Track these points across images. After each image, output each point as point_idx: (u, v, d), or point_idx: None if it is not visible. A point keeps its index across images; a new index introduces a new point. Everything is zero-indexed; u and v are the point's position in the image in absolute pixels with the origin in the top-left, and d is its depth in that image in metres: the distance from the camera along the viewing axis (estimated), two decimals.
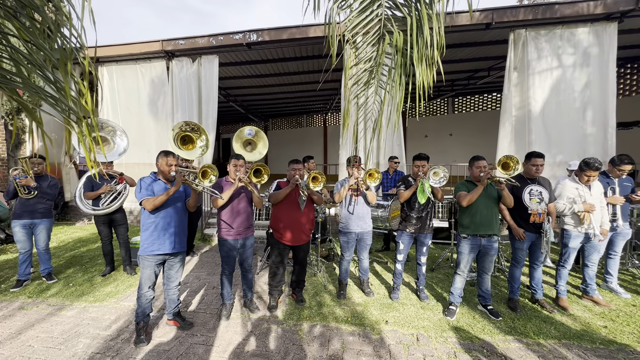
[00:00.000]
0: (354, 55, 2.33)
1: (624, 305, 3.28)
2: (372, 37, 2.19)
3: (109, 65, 7.09)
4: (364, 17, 2.10)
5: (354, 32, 2.14)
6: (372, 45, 2.23)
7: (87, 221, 7.51)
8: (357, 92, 2.43)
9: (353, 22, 2.12)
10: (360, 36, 2.19)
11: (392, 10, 2.13)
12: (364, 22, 2.12)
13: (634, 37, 6.37)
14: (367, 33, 2.19)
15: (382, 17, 2.10)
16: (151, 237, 2.61)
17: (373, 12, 2.10)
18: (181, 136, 3.98)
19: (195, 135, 4.03)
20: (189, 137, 4.04)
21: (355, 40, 2.23)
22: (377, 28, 2.15)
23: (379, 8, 2.09)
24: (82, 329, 2.85)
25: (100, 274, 4.13)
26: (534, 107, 5.57)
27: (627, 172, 3.47)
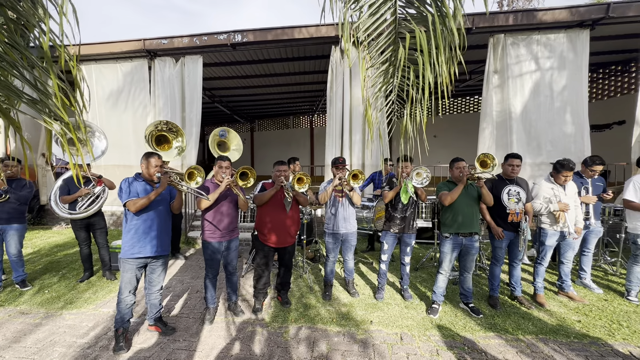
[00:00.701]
0: (368, 57, 2.32)
1: (596, 300, 3.43)
2: (385, 38, 2.17)
3: (88, 64, 6.88)
4: (376, 18, 2.09)
5: (367, 33, 2.12)
6: (387, 45, 2.21)
7: (65, 225, 7.24)
8: (374, 94, 2.42)
9: (365, 24, 2.10)
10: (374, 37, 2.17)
11: (405, 10, 2.11)
12: (377, 23, 2.10)
13: (605, 43, 6.68)
14: (381, 34, 2.18)
15: (397, 17, 2.09)
16: (132, 239, 2.55)
17: (384, 14, 2.08)
18: (156, 136, 3.88)
19: (171, 135, 3.94)
20: (165, 137, 3.95)
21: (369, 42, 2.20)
22: (392, 28, 2.14)
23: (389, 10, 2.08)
24: (57, 337, 2.74)
25: (78, 280, 3.98)
26: (514, 110, 5.76)
27: (599, 172, 3.64)
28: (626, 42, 6.64)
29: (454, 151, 6.75)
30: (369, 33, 2.10)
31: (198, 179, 2.71)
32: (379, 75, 2.31)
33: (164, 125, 3.91)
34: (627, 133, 5.71)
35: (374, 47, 2.21)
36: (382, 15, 2.07)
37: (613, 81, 9.15)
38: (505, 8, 20.30)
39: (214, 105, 11.49)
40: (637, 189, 3.32)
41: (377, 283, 3.61)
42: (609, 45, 6.91)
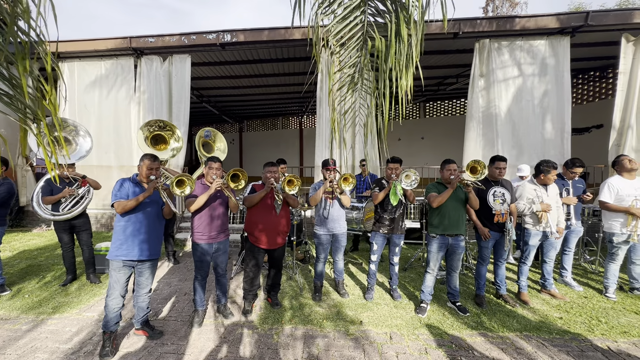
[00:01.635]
0: (337, 61, 2.35)
1: (577, 298, 3.55)
2: (355, 42, 2.22)
3: (71, 62, 6.70)
4: (347, 22, 2.13)
5: (338, 37, 2.16)
6: (355, 50, 2.25)
7: (46, 227, 7.00)
8: (341, 97, 2.45)
9: (336, 28, 2.13)
10: (344, 42, 2.22)
11: (375, 17, 2.17)
12: (348, 27, 2.14)
13: (584, 50, 6.95)
14: (351, 38, 2.22)
15: (365, 23, 2.13)
16: (118, 241, 2.52)
17: (357, 18, 2.13)
18: (153, 135, 3.83)
19: (167, 133, 3.89)
20: (162, 137, 3.90)
21: (340, 45, 2.24)
22: (360, 34, 2.18)
23: (362, 14, 2.12)
24: (39, 343, 2.66)
25: (61, 284, 3.86)
26: (498, 113, 5.92)
27: (579, 174, 3.78)
28: (604, 49, 6.92)
29: (441, 153, 6.89)
30: (339, 38, 2.15)
31: (187, 189, 2.69)
32: (346, 78, 2.35)
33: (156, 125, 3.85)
34: (605, 136, 5.96)
35: (344, 52, 2.25)
36: (353, 20, 2.12)
37: (592, 86, 9.52)
38: (490, 14, 20.84)
39: (202, 105, 11.35)
40: (612, 190, 3.47)
41: (367, 283, 3.64)
42: (588, 52, 7.19)
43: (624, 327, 2.91)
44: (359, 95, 2.39)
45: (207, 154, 4.73)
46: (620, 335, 2.80)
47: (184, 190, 2.67)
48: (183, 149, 6.53)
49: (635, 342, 2.69)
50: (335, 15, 2.13)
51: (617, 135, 5.70)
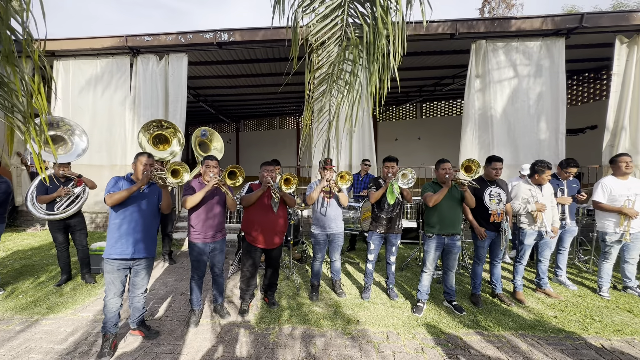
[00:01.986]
0: (316, 60, 2.36)
1: (571, 297, 3.59)
2: (335, 42, 2.23)
3: (66, 60, 6.65)
4: (328, 21, 2.14)
5: (317, 36, 2.17)
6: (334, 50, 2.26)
7: (40, 227, 6.94)
8: (318, 95, 2.46)
9: (317, 27, 2.14)
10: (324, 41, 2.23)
11: (354, 19, 2.18)
12: (328, 26, 2.15)
13: (579, 51, 7.02)
14: (331, 37, 2.23)
15: (344, 24, 2.14)
16: (113, 239, 2.49)
17: (337, 18, 2.14)
18: (154, 135, 3.81)
19: (169, 132, 3.87)
20: (163, 136, 3.88)
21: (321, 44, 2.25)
22: (339, 34, 2.19)
23: (342, 14, 2.13)
24: (33, 344, 2.63)
25: (55, 284, 3.83)
26: (494, 114, 5.97)
27: (573, 174, 3.82)
28: (599, 51, 7.00)
29: (438, 153, 6.92)
30: (318, 37, 2.16)
31: (184, 175, 2.63)
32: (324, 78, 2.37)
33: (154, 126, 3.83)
34: (599, 137, 6.02)
35: (323, 52, 2.27)
36: (333, 20, 2.13)
37: (586, 88, 9.62)
38: (486, 15, 20.97)
39: (198, 104, 11.31)
40: (605, 190, 3.51)
41: (364, 283, 3.65)
42: (582, 53, 7.27)
43: (617, 326, 2.95)
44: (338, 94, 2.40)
45: (203, 154, 4.73)
46: (613, 333, 2.83)
47: (181, 180, 2.62)
48: None
49: (629, 340, 2.73)
50: (316, 13, 2.14)
51: (610, 137, 5.76)
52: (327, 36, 2.16)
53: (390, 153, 3.81)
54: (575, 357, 2.49)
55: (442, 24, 5.71)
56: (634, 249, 3.49)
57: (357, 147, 6.57)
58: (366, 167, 5.54)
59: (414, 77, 9.36)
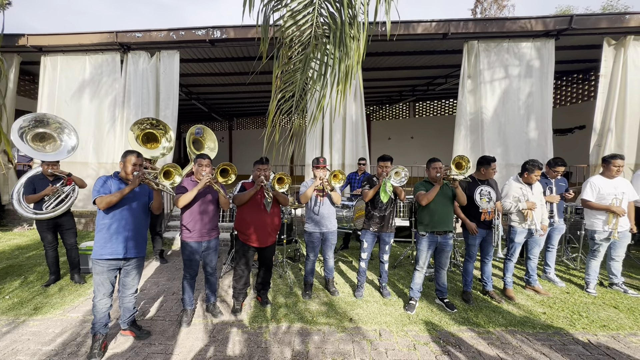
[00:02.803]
0: (286, 58, 2.37)
1: (559, 293, 3.66)
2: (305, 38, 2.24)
3: (54, 56, 6.50)
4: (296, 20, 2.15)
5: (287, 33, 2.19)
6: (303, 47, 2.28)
7: (27, 226, 6.79)
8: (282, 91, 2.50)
9: (287, 22, 2.15)
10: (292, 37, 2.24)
11: (324, 18, 2.19)
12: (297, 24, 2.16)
13: (568, 53, 7.14)
14: (300, 35, 2.24)
15: (314, 22, 2.15)
16: (103, 239, 2.44)
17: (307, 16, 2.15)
18: (144, 133, 3.76)
19: (159, 132, 3.83)
20: (153, 135, 3.83)
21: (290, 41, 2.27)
22: (309, 32, 2.20)
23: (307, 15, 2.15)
24: (20, 345, 2.58)
25: (43, 284, 3.76)
26: (485, 114, 6.04)
27: (561, 173, 3.89)
28: (587, 52, 7.12)
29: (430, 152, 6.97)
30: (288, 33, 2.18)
31: (176, 177, 2.61)
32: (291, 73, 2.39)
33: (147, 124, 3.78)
34: (587, 137, 6.14)
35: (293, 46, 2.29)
36: (303, 17, 2.14)
37: (575, 88, 9.79)
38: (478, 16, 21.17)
39: (191, 102, 11.19)
40: (593, 189, 3.59)
41: (357, 281, 3.66)
42: (572, 54, 7.39)
43: (603, 321, 3.02)
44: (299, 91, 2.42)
45: (197, 152, 4.67)
46: (600, 329, 2.90)
47: (173, 181, 2.60)
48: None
49: (614, 335, 2.79)
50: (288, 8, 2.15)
51: (598, 137, 5.88)
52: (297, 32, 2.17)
53: (384, 152, 3.83)
54: (562, 352, 2.54)
55: (434, 24, 5.74)
56: (620, 246, 3.58)
57: (351, 147, 6.57)
58: (362, 166, 5.53)
59: (406, 77, 9.41)
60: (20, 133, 3.55)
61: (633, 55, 5.67)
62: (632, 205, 3.62)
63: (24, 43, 6.18)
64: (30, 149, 3.62)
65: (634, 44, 5.65)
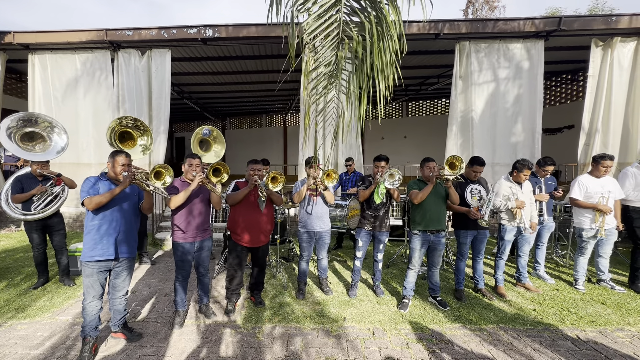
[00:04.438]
0: (312, 60, 2.33)
1: (549, 290, 3.73)
2: (331, 41, 2.21)
3: (42, 54, 6.36)
4: (323, 21, 2.12)
5: (313, 35, 2.14)
6: (331, 49, 2.25)
7: (15, 228, 6.65)
8: (317, 96, 2.44)
9: (312, 26, 2.12)
10: (319, 40, 2.21)
11: (350, 16, 2.17)
12: (323, 26, 2.13)
13: (558, 54, 7.27)
14: (327, 37, 2.21)
15: (341, 22, 2.13)
16: (92, 241, 2.39)
17: (332, 17, 2.12)
18: (120, 132, 3.70)
19: (137, 132, 3.77)
20: (129, 134, 3.76)
21: (315, 44, 2.23)
22: (336, 33, 2.18)
23: (337, 13, 2.12)
24: (7, 349, 2.53)
25: (32, 287, 3.68)
26: (475, 114, 6.11)
27: (550, 172, 3.96)
28: (575, 53, 7.26)
29: (424, 151, 7.04)
30: (314, 36, 2.15)
31: (167, 178, 2.60)
32: (321, 77, 2.36)
33: (130, 121, 3.72)
34: (576, 136, 6.25)
35: (320, 50, 2.26)
36: (329, 18, 2.12)
37: (564, 88, 9.97)
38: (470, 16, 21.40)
39: (183, 101, 11.07)
40: (581, 188, 3.66)
41: (351, 280, 3.67)
42: (560, 55, 7.52)
43: (591, 317, 3.08)
44: (335, 93, 2.40)
45: (203, 152, 4.61)
46: (588, 324, 2.96)
47: (164, 181, 2.58)
48: (161, 149, 6.36)
49: (602, 330, 2.86)
50: (309, 13, 2.12)
51: (586, 136, 6.00)
52: (323, 34, 2.14)
53: (377, 152, 3.85)
54: (552, 348, 2.59)
55: (426, 24, 5.78)
56: (607, 243, 3.66)
57: (344, 146, 6.58)
58: (349, 166, 5.54)
59: (399, 76, 9.44)
60: (8, 133, 3.47)
61: (619, 57, 5.79)
62: (618, 203, 3.70)
63: (10, 40, 6.04)
64: (19, 149, 3.54)
65: (620, 45, 5.78)
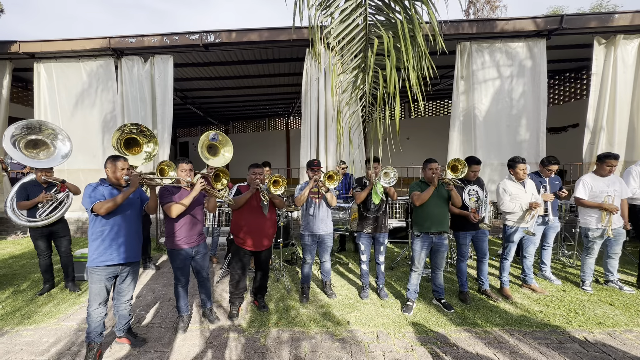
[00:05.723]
0: (340, 63, 2.32)
1: (556, 291, 3.68)
2: (357, 44, 2.19)
3: (47, 62, 6.46)
4: (348, 24, 2.10)
5: (339, 38, 2.12)
6: (357, 53, 2.22)
7: (22, 234, 6.72)
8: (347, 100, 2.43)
9: (336, 30, 2.09)
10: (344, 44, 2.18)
11: (375, 17, 2.14)
12: (347, 29, 2.11)
13: (560, 52, 7.21)
14: (351, 41, 2.18)
15: (367, 24, 2.11)
16: (101, 246, 2.40)
17: (356, 20, 2.10)
18: (125, 138, 3.74)
19: (143, 139, 3.80)
20: (135, 140, 3.80)
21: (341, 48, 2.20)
22: (363, 34, 2.16)
23: (360, 16, 2.10)
24: (13, 356, 2.54)
25: (37, 293, 3.71)
26: (478, 114, 6.08)
27: (555, 171, 3.92)
28: (578, 52, 7.20)
29: (426, 152, 6.99)
30: (340, 39, 2.12)
31: (170, 173, 2.63)
32: (350, 81, 2.34)
33: (134, 127, 3.76)
34: (581, 135, 6.19)
35: (346, 53, 2.24)
36: (354, 21, 2.09)
37: (568, 87, 9.90)
38: (471, 17, 21.36)
39: (186, 106, 11.17)
40: (586, 187, 3.62)
41: (361, 283, 3.69)
42: (563, 54, 7.47)
43: (599, 319, 3.03)
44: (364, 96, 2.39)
45: (211, 157, 4.65)
46: (596, 326, 2.91)
47: (170, 177, 2.61)
48: (165, 155, 6.40)
49: (610, 332, 2.81)
50: (333, 18, 2.11)
51: (591, 135, 5.94)
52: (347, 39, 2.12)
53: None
54: (559, 350, 2.55)
55: (427, 25, 5.77)
56: (616, 244, 3.60)
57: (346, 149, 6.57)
58: (343, 169, 5.52)
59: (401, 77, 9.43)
60: (12, 141, 3.52)
61: (623, 54, 5.74)
62: (625, 202, 3.65)
63: (15, 50, 6.15)
64: (23, 157, 3.58)
65: (623, 42, 5.72)
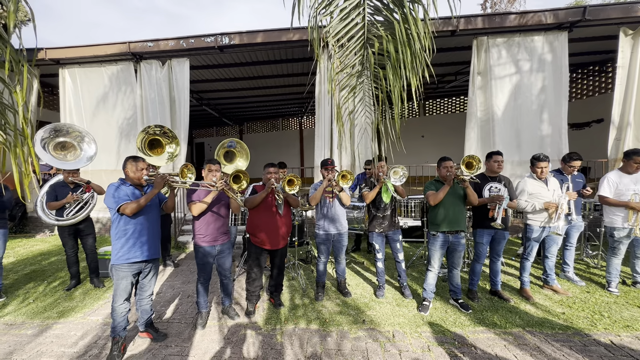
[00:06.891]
0: (338, 62, 2.34)
1: (579, 293, 3.55)
2: (355, 43, 2.20)
3: (71, 68, 6.74)
4: (346, 23, 2.12)
5: (337, 38, 2.14)
6: (356, 51, 2.24)
7: (49, 233, 7.05)
8: (346, 97, 2.45)
9: (336, 29, 2.12)
10: (344, 43, 2.21)
11: (374, 17, 2.15)
12: (347, 28, 2.13)
13: (583, 45, 6.93)
14: (350, 39, 2.20)
15: (365, 23, 2.12)
16: (126, 244, 2.50)
17: (354, 19, 2.12)
18: (149, 140, 3.86)
19: (165, 140, 3.92)
20: (158, 141, 3.92)
21: (340, 46, 2.23)
22: (361, 33, 2.17)
23: (358, 16, 2.11)
24: (45, 347, 2.69)
25: (65, 288, 3.90)
26: (496, 110, 5.92)
27: (577, 167, 3.76)
28: (602, 44, 6.90)
29: (441, 150, 6.88)
30: (339, 37, 2.14)
31: (189, 176, 2.71)
32: (348, 79, 2.35)
33: (157, 129, 3.89)
34: (605, 131, 5.93)
35: (344, 52, 2.24)
36: (352, 20, 2.10)
37: (591, 81, 9.48)
38: (488, 10, 20.81)
39: (202, 107, 11.39)
40: (611, 185, 3.47)
41: (377, 282, 3.69)
42: (587, 46, 7.16)
43: (626, 321, 2.91)
44: (364, 95, 2.39)
45: (227, 163, 4.81)
46: (623, 329, 2.80)
47: (189, 179, 2.71)
48: (182, 155, 6.56)
49: (638, 335, 2.69)
50: (332, 16, 2.13)
51: (617, 130, 5.68)
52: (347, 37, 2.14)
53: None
54: (583, 353, 2.47)
55: (442, 21, 5.68)
56: None
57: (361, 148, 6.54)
58: (370, 170, 5.50)
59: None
60: (42, 144, 3.71)
61: None
62: None
63: (42, 56, 6.45)
64: (52, 158, 3.76)
65: None
